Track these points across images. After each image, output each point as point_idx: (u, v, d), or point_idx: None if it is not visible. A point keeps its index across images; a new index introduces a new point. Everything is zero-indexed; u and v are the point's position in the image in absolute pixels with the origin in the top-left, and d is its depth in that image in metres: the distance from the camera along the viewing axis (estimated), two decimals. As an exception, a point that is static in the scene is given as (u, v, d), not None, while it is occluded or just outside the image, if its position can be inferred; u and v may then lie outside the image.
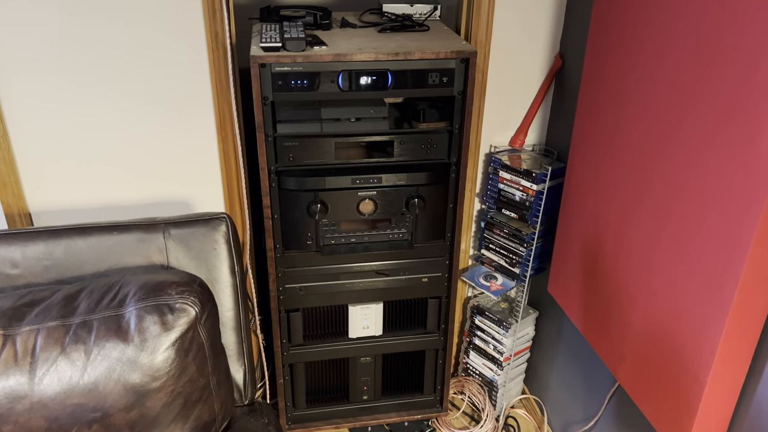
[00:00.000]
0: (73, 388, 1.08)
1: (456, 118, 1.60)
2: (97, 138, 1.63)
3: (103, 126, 1.62)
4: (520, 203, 1.80)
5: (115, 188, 1.70)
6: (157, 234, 1.36)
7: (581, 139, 1.58)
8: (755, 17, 0.98)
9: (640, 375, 1.38)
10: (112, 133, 1.63)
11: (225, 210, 1.78)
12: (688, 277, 1.19)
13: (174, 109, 1.64)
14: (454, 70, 1.52)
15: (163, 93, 1.61)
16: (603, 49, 1.45)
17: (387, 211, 1.67)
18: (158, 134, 1.66)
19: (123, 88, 1.59)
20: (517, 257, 1.86)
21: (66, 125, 1.60)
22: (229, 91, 1.61)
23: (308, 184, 1.60)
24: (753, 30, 0.98)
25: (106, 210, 1.71)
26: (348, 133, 1.58)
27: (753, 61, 0.99)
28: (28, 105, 1.55)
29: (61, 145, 1.62)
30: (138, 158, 1.68)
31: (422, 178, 1.64)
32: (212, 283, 1.37)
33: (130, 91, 1.59)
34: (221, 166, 1.73)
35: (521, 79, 1.83)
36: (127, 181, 1.70)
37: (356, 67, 1.48)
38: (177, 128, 1.66)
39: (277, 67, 1.45)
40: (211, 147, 1.70)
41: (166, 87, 1.61)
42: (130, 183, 1.70)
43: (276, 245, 1.68)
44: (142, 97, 1.61)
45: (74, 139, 1.62)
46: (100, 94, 1.58)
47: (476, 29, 1.72)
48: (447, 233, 1.75)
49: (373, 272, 1.76)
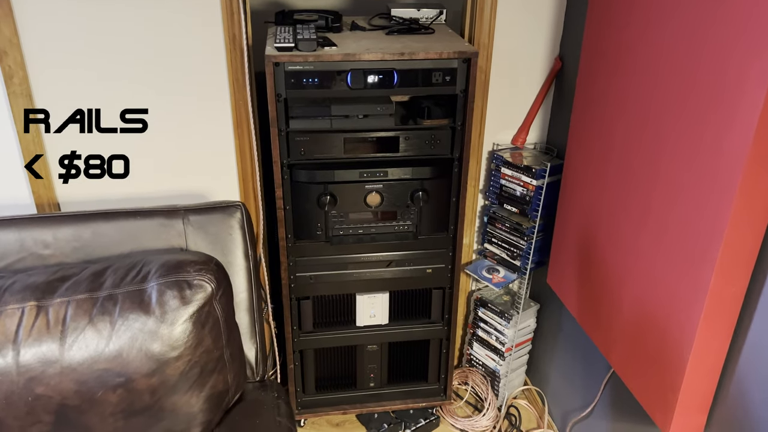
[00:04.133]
0: (100, 355, 1.18)
1: (458, 116, 1.69)
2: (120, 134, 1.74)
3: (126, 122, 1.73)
4: (520, 198, 1.89)
5: (136, 180, 1.81)
6: (177, 219, 1.46)
7: (576, 137, 1.66)
8: (730, 21, 1.06)
9: (629, 357, 1.45)
10: (135, 128, 1.74)
11: (239, 196, 1.88)
12: (669, 262, 1.26)
13: (194, 106, 1.75)
14: (456, 69, 1.62)
15: (185, 91, 1.72)
16: (596, 51, 1.54)
17: (393, 203, 1.76)
18: (178, 130, 1.77)
19: (147, 87, 1.70)
20: (518, 250, 1.94)
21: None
22: (245, 90, 1.72)
23: (318, 177, 1.70)
24: (727, 33, 1.07)
25: (128, 201, 1.82)
26: (356, 129, 1.68)
27: (725, 64, 1.07)
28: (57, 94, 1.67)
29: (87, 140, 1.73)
30: (159, 152, 1.79)
31: (426, 172, 1.73)
32: (227, 266, 1.46)
33: (153, 89, 1.71)
34: (237, 159, 1.83)
35: (523, 79, 1.92)
36: (148, 173, 1.81)
37: (364, 66, 1.58)
38: (196, 124, 1.77)
39: (289, 66, 1.56)
40: (228, 142, 1.81)
41: (187, 85, 1.72)
42: (150, 175, 1.81)
43: (288, 235, 1.77)
44: (165, 94, 1.72)
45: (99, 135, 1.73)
46: (125, 91, 1.69)
47: (479, 32, 1.81)
48: (450, 226, 1.84)
49: (379, 262, 1.85)
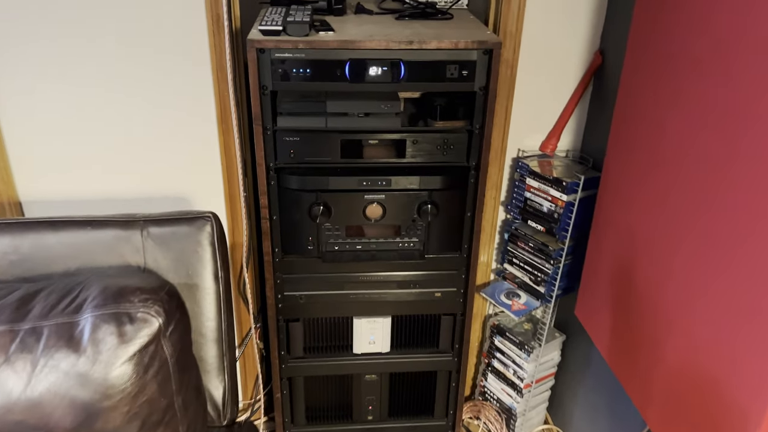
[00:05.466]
0: (15, 403, 0.96)
1: (477, 117, 1.43)
2: (93, 126, 1.53)
3: (99, 114, 1.52)
4: (548, 215, 1.62)
5: (111, 180, 1.60)
6: (135, 232, 1.23)
7: (618, 145, 1.39)
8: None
9: (673, 420, 1.18)
10: (108, 121, 1.52)
11: (225, 207, 1.66)
12: (734, 306, 0.99)
13: (173, 97, 1.52)
14: (475, 62, 1.35)
15: (162, 80, 1.50)
16: (646, 40, 1.26)
17: (397, 216, 1.51)
18: (156, 124, 1.55)
19: (118, 74, 1.48)
20: (543, 275, 1.68)
21: (60, 112, 1.50)
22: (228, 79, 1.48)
23: (310, 184, 1.46)
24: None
25: (100, 203, 1.61)
26: (356, 129, 1.43)
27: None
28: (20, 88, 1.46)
29: (55, 132, 1.52)
30: (135, 149, 1.57)
31: (437, 182, 1.48)
32: (192, 289, 1.24)
33: (126, 77, 1.48)
34: (222, 159, 1.60)
35: (555, 76, 1.64)
36: (125, 172, 1.59)
37: (365, 55, 1.33)
38: (176, 118, 1.55)
39: (276, 53, 1.31)
40: (212, 139, 1.58)
41: (165, 73, 1.49)
42: (127, 175, 1.60)
43: (275, 249, 1.54)
44: (139, 83, 1.49)
45: (69, 127, 1.52)
46: (96, 80, 1.47)
47: (506, 19, 1.54)
48: (464, 245, 1.58)
49: (380, 282, 1.61)
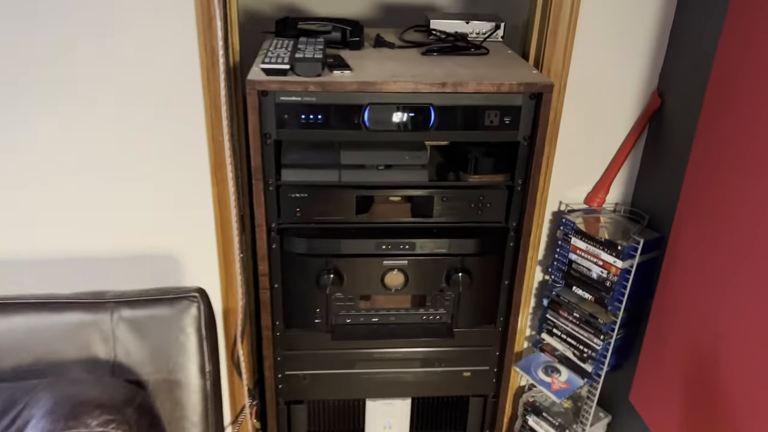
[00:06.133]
0: None
1: (519, 171, 1.20)
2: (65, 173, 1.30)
3: (74, 157, 1.29)
4: (598, 282, 1.38)
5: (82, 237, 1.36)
6: (104, 316, 1.00)
7: (694, 205, 1.15)
8: None
9: None
10: (83, 167, 1.30)
11: (219, 267, 1.42)
12: None
13: (162, 141, 1.30)
14: (520, 108, 1.13)
15: (151, 121, 1.28)
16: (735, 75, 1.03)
17: (421, 286, 1.28)
18: (143, 171, 1.32)
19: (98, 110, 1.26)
20: (590, 351, 1.43)
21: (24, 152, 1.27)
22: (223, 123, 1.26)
23: (319, 248, 1.23)
24: None
25: (73, 263, 1.37)
26: (374, 184, 1.21)
27: None
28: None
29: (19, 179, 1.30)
30: (116, 200, 1.34)
31: (469, 246, 1.25)
32: (174, 387, 1.00)
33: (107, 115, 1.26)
34: (215, 216, 1.37)
35: (605, 119, 1.41)
36: (103, 228, 1.36)
37: (388, 99, 1.10)
38: (165, 166, 1.32)
39: (282, 97, 1.09)
40: (204, 192, 1.35)
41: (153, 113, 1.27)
42: (106, 231, 1.36)
43: (275, 322, 1.30)
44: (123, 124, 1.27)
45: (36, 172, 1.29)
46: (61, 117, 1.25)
47: (550, 55, 1.32)
48: (499, 317, 1.34)
49: (399, 360, 1.37)
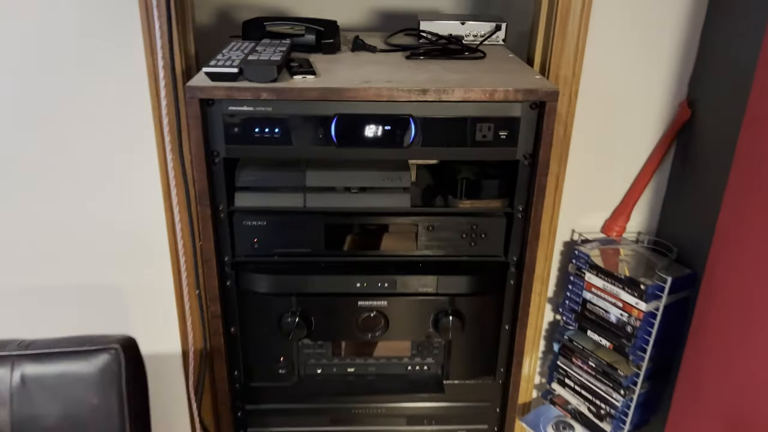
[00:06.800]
0: None
1: (519, 195, 1.00)
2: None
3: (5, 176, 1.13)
4: (617, 327, 1.16)
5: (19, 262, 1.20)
6: (3, 370, 0.82)
7: (734, 235, 0.94)
8: None
9: None
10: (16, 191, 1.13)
11: (177, 309, 1.24)
12: None
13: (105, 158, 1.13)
14: (518, 119, 0.94)
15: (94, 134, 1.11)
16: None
17: (404, 331, 1.08)
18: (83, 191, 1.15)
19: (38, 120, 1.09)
20: (608, 407, 1.21)
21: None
22: (175, 141, 1.08)
23: (282, 285, 1.04)
24: None
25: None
26: (346, 210, 1.02)
27: None
28: None
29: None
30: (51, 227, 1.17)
31: (461, 284, 1.05)
32: (84, 461, 0.81)
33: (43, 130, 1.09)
34: (169, 245, 1.19)
35: (625, 135, 1.21)
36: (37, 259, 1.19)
37: (359, 109, 0.92)
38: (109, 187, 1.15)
39: (230, 106, 0.91)
40: (157, 217, 1.17)
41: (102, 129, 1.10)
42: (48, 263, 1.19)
43: (234, 372, 1.11)
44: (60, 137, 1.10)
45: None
46: None
47: (558, 59, 1.12)
48: (499, 368, 1.14)
49: (381, 417, 1.16)
